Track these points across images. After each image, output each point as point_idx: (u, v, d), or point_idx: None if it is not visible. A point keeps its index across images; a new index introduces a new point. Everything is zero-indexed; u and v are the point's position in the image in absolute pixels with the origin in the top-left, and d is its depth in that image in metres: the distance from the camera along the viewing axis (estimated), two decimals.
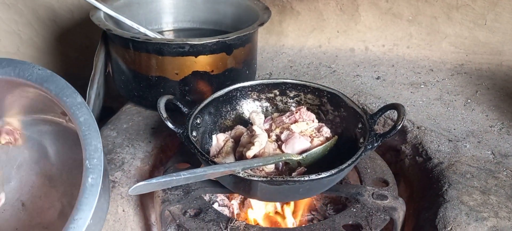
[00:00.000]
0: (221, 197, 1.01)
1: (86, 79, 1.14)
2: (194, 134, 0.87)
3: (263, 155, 0.84)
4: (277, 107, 1.01)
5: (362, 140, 0.85)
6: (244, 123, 0.97)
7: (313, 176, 0.72)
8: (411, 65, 1.44)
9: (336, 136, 0.90)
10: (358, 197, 0.84)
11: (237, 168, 0.73)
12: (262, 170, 0.83)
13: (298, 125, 0.90)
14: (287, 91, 1.00)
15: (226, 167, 0.73)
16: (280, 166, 0.84)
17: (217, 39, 1.04)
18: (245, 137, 0.89)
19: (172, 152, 1.09)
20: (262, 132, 0.88)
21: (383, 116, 1.11)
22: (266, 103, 1.01)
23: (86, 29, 1.68)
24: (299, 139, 0.86)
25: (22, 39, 1.77)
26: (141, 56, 1.08)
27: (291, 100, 1.00)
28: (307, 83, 0.99)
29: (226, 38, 1.05)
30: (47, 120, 0.91)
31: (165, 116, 0.83)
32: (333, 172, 0.73)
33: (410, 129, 1.09)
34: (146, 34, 1.17)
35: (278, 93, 1.01)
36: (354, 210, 0.82)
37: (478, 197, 0.85)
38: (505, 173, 0.92)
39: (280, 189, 0.76)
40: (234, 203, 1.00)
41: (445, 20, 1.45)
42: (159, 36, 1.23)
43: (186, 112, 0.89)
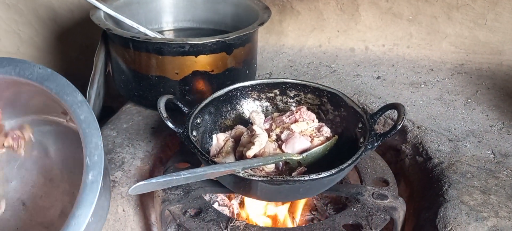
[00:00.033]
0: (221, 197, 1.01)
1: (86, 79, 1.14)
2: (194, 134, 0.87)
3: (263, 154, 0.84)
4: (277, 107, 1.01)
5: (362, 140, 0.85)
6: (244, 122, 0.97)
7: (313, 176, 0.72)
8: (411, 65, 1.44)
9: (336, 136, 0.90)
10: (358, 197, 0.84)
11: (237, 167, 0.73)
12: (262, 170, 0.82)
13: (298, 125, 0.90)
14: (287, 91, 1.00)
15: (226, 166, 0.73)
16: (280, 166, 0.84)
17: (217, 39, 1.04)
18: (245, 137, 0.89)
19: (172, 152, 1.09)
20: (262, 131, 0.87)
21: (383, 115, 1.11)
22: (266, 103, 1.01)
23: (86, 28, 1.68)
24: (299, 138, 0.86)
25: (22, 39, 1.77)
26: (141, 55, 1.08)
27: (291, 100, 1.00)
28: (307, 83, 0.99)
29: (226, 38, 1.05)
30: (48, 120, 0.91)
31: (165, 115, 0.83)
32: (333, 171, 0.73)
33: (410, 129, 1.09)
34: (146, 34, 1.17)
35: (278, 93, 1.01)
36: (354, 210, 0.82)
37: (479, 197, 0.85)
38: (505, 173, 0.92)
39: (280, 189, 0.76)
40: (234, 202, 1.00)
41: (445, 19, 1.45)
42: (159, 35, 1.23)
43: (186, 112, 0.89)
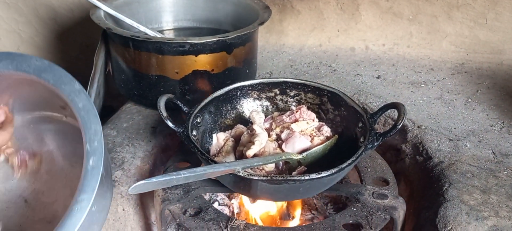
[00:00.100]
0: (221, 196, 1.01)
1: (86, 78, 1.14)
2: (194, 133, 0.87)
3: (263, 154, 0.84)
4: (277, 107, 1.01)
5: (362, 139, 0.85)
6: (244, 122, 0.97)
7: (313, 175, 0.72)
8: (412, 64, 1.44)
9: (336, 135, 0.90)
10: (359, 196, 0.84)
11: (237, 167, 0.73)
12: (262, 169, 0.82)
13: (298, 124, 0.90)
14: (288, 91, 1.00)
15: (226, 166, 0.73)
16: (280, 165, 0.84)
17: (217, 38, 1.04)
18: (245, 136, 0.89)
19: (172, 151, 1.09)
20: (262, 131, 0.87)
21: (384, 115, 1.11)
22: (267, 103, 1.01)
23: (86, 28, 1.68)
24: (299, 138, 0.86)
25: (22, 38, 1.77)
26: (141, 55, 1.08)
27: (292, 99, 1.00)
28: (308, 83, 0.99)
29: (227, 37, 1.05)
30: (47, 117, 0.91)
31: (165, 115, 0.83)
32: (333, 171, 0.73)
33: (410, 128, 1.09)
34: (146, 33, 1.17)
35: (278, 92, 1.01)
36: (354, 209, 0.82)
37: (479, 196, 0.85)
38: (505, 172, 0.92)
39: (280, 188, 0.76)
40: (234, 202, 1.00)
41: (445, 19, 1.45)
42: (159, 35, 1.23)
43: (186, 111, 0.89)
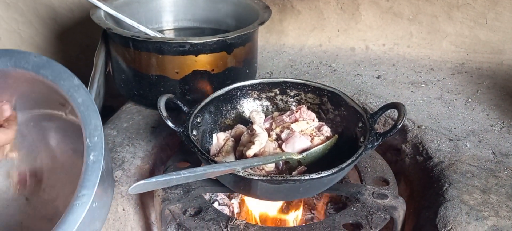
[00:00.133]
0: (221, 196, 1.01)
1: (86, 78, 1.14)
2: (194, 133, 0.87)
3: (263, 154, 0.84)
4: (277, 107, 1.01)
5: (362, 139, 0.85)
6: (244, 122, 0.97)
7: (313, 175, 0.72)
8: (412, 64, 1.44)
9: (336, 135, 0.90)
10: (358, 196, 0.84)
11: (237, 167, 0.73)
12: (262, 169, 0.82)
13: (298, 124, 0.90)
14: (288, 91, 1.00)
15: (226, 166, 0.73)
16: (280, 165, 0.84)
17: (217, 38, 1.04)
18: (245, 136, 0.89)
19: (172, 151, 1.09)
20: (262, 131, 0.87)
21: (384, 115, 1.11)
22: (267, 102, 1.01)
23: (87, 28, 1.68)
24: (300, 138, 0.86)
25: (22, 38, 1.77)
26: (141, 55, 1.08)
27: (292, 99, 1.00)
28: (308, 82, 0.99)
29: (227, 37, 1.05)
30: (47, 114, 0.91)
31: (165, 115, 0.83)
32: (333, 171, 0.73)
33: (410, 128, 1.09)
34: (146, 33, 1.17)
35: (278, 92, 1.01)
36: (354, 209, 0.82)
37: (479, 196, 0.85)
38: (505, 172, 0.92)
39: (280, 188, 0.76)
40: (234, 202, 1.00)
41: (445, 19, 1.45)
42: (159, 35, 1.23)
43: (186, 111, 0.89)
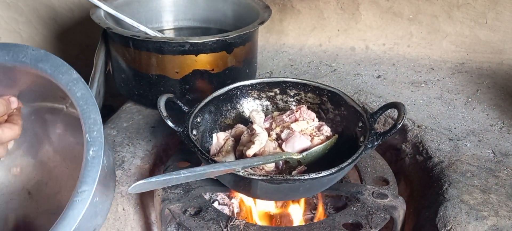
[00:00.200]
0: (221, 196, 1.01)
1: (86, 78, 1.13)
2: (194, 133, 0.87)
3: (263, 153, 0.84)
4: (277, 106, 1.01)
5: (362, 139, 0.85)
6: (244, 121, 0.97)
7: (313, 175, 0.72)
8: (412, 64, 1.44)
9: (336, 135, 0.90)
10: (358, 196, 0.84)
11: (237, 166, 0.73)
12: (262, 169, 0.82)
13: (298, 124, 0.90)
14: (288, 90, 1.00)
15: (226, 165, 0.73)
16: (280, 165, 0.84)
17: (217, 38, 1.04)
18: (245, 136, 0.89)
19: (172, 151, 1.09)
20: (262, 130, 0.87)
21: (384, 114, 1.11)
22: (267, 102, 1.01)
23: (87, 27, 1.68)
24: (299, 137, 0.86)
25: (22, 38, 1.77)
26: (141, 54, 1.08)
27: (292, 99, 1.00)
28: (308, 82, 0.99)
29: (227, 37, 1.05)
30: (48, 108, 0.90)
31: (165, 114, 0.83)
32: (333, 170, 0.73)
33: (410, 128, 1.09)
34: (146, 33, 1.17)
35: (278, 92, 1.01)
36: (354, 209, 0.82)
37: (479, 196, 0.85)
38: (505, 172, 0.92)
39: (280, 188, 0.76)
40: (234, 201, 1.00)
41: (445, 19, 1.45)
42: (160, 34, 1.23)
43: (186, 111, 0.89)
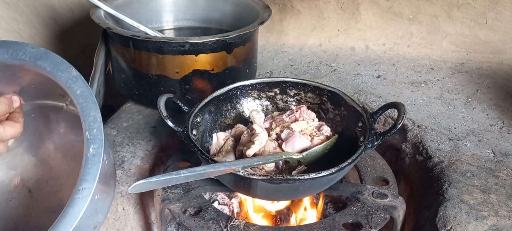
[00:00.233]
0: (221, 196, 1.01)
1: (86, 78, 1.13)
2: (194, 133, 0.87)
3: (263, 153, 0.84)
4: (277, 106, 1.01)
5: (362, 139, 0.85)
6: (244, 121, 0.97)
7: (313, 175, 0.72)
8: (412, 64, 1.44)
9: (336, 135, 0.90)
10: (358, 196, 0.84)
11: (237, 166, 0.73)
12: (262, 169, 0.82)
13: (298, 124, 0.90)
14: (288, 90, 1.00)
15: (226, 165, 0.73)
16: (280, 165, 0.84)
17: (217, 38, 1.04)
18: (245, 136, 0.89)
19: (172, 151, 1.09)
20: (262, 130, 0.87)
21: (384, 114, 1.11)
22: (267, 102, 1.01)
23: (87, 27, 1.68)
24: (299, 137, 0.86)
25: (22, 38, 1.77)
26: (141, 54, 1.08)
27: (292, 99, 1.00)
28: (308, 82, 0.99)
29: (227, 37, 1.05)
30: (48, 106, 0.90)
31: (165, 114, 0.83)
32: (333, 170, 0.73)
33: (410, 128, 1.09)
34: (146, 33, 1.17)
35: (278, 92, 1.01)
36: (354, 209, 0.82)
37: (478, 196, 0.85)
38: (505, 172, 0.92)
39: (280, 188, 0.76)
40: (234, 201, 1.00)
41: (445, 19, 1.45)
42: (160, 34, 1.23)
43: (186, 111, 0.89)
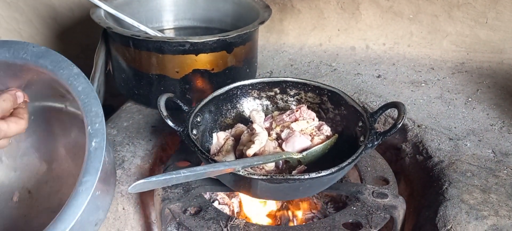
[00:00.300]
0: (221, 195, 1.01)
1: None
2: (194, 132, 0.87)
3: (264, 153, 0.84)
4: (277, 106, 1.01)
5: (362, 138, 0.85)
6: (244, 121, 0.97)
7: (313, 174, 0.72)
8: (412, 63, 1.44)
9: (336, 134, 0.90)
10: (358, 195, 0.84)
11: (237, 166, 0.73)
12: (262, 168, 0.82)
13: (298, 123, 0.90)
14: (288, 90, 1.00)
15: (226, 165, 0.73)
16: (280, 164, 0.84)
17: (217, 38, 1.04)
18: (245, 135, 0.89)
19: (172, 150, 1.09)
20: (262, 130, 0.88)
21: (384, 114, 1.11)
22: (267, 102, 1.01)
23: (87, 27, 1.68)
24: (300, 137, 0.86)
25: (23, 37, 1.77)
26: (141, 54, 1.08)
27: (292, 98, 1.00)
28: (308, 82, 0.99)
29: (227, 37, 1.05)
30: (48, 106, 0.91)
31: (165, 114, 0.83)
32: (333, 170, 0.73)
33: (410, 127, 1.09)
34: (146, 32, 1.17)
35: (278, 91, 1.01)
36: (354, 209, 0.82)
37: (479, 196, 0.85)
38: (505, 172, 0.92)
39: (280, 187, 0.76)
40: (234, 201, 1.00)
41: (446, 18, 1.45)
42: (160, 34, 1.23)
43: (186, 110, 0.89)
